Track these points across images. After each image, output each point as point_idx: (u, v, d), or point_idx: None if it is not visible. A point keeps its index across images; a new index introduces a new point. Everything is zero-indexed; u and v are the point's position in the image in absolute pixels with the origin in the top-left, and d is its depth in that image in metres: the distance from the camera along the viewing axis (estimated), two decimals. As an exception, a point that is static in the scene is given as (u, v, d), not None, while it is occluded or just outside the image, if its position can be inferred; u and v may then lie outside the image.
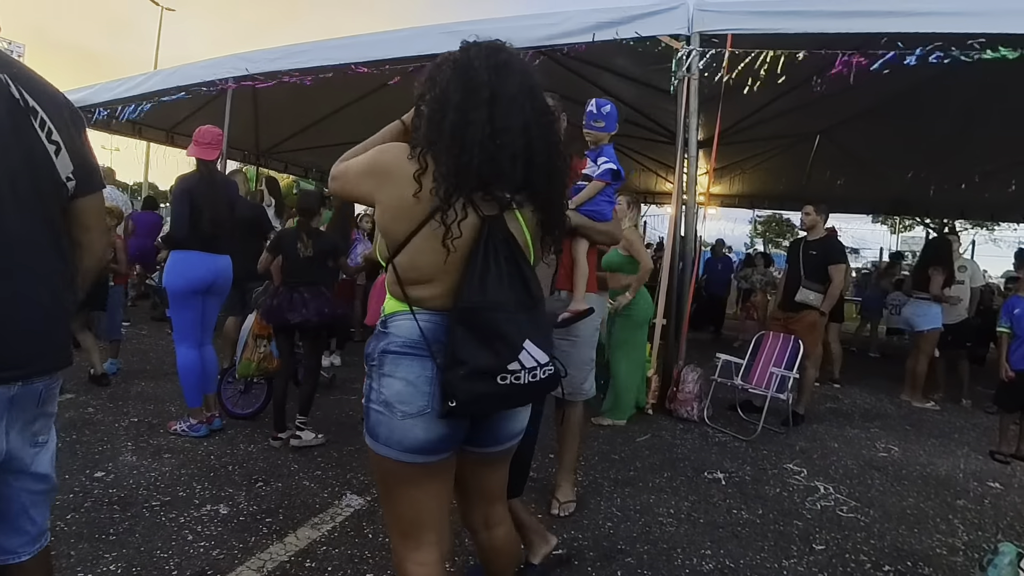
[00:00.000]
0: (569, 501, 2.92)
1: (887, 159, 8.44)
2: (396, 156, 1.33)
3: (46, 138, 1.27)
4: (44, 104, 1.27)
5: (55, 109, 1.30)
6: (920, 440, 4.68)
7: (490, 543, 1.64)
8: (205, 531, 2.54)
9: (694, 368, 4.78)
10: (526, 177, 1.30)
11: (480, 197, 1.29)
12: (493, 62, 1.28)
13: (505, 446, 1.50)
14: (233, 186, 3.95)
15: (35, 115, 1.25)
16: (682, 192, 4.93)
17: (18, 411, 1.26)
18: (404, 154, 1.33)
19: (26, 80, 1.27)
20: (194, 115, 7.86)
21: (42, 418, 1.34)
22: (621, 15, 4.73)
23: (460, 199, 1.26)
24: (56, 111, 1.30)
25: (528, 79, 1.31)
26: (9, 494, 1.32)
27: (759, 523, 2.98)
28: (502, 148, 1.24)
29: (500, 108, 1.25)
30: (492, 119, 1.24)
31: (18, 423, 1.27)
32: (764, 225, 32.74)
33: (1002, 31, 3.81)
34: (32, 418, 1.30)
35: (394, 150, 1.35)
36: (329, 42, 5.96)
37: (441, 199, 1.25)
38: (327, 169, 5.69)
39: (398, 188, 1.30)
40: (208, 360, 3.71)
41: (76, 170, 1.33)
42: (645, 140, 7.83)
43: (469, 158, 1.23)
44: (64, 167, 1.31)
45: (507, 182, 1.28)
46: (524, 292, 1.31)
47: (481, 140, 1.23)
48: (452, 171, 1.24)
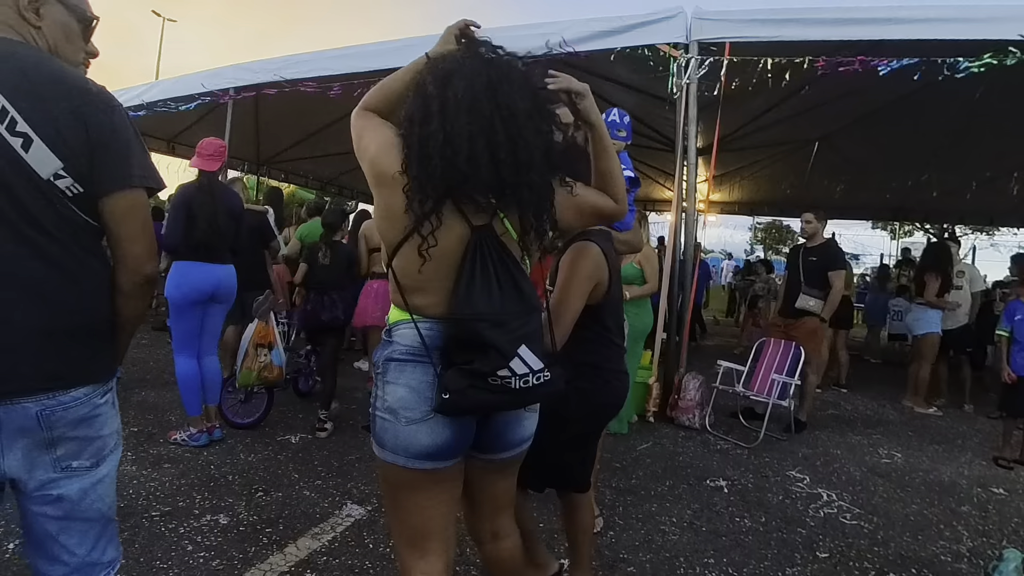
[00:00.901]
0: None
1: (886, 165, 8.47)
2: (393, 162, 1.34)
3: (7, 130, 1.10)
4: (12, 92, 1.11)
5: (33, 96, 1.13)
6: (923, 446, 4.66)
7: (497, 555, 1.63)
8: (205, 541, 2.53)
9: (695, 375, 4.77)
10: (495, 176, 1.29)
11: (465, 205, 1.31)
12: (439, 74, 1.32)
13: (512, 453, 1.50)
14: (236, 197, 3.96)
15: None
16: (682, 199, 4.94)
17: (9, 434, 1.14)
18: (399, 161, 1.34)
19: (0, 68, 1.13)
20: (195, 125, 7.90)
21: (71, 442, 1.21)
22: (620, 24, 4.76)
23: (435, 208, 1.29)
24: (32, 99, 1.13)
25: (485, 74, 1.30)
26: (26, 516, 1.23)
27: (762, 531, 2.97)
28: (458, 153, 1.26)
29: (448, 116, 1.27)
30: (443, 127, 1.27)
31: (15, 447, 1.16)
32: (764, 232, 32.80)
33: (1000, 37, 3.84)
34: (48, 441, 1.18)
35: (392, 156, 1.35)
36: (330, 52, 6.00)
37: (415, 210, 1.29)
38: (327, 178, 5.73)
39: (390, 193, 1.33)
40: (210, 370, 3.71)
41: (69, 167, 1.15)
42: (645, 148, 7.85)
43: (432, 168, 1.27)
44: (43, 163, 1.13)
45: (474, 185, 1.28)
46: (518, 299, 1.33)
47: (439, 149, 1.26)
48: (421, 181, 1.28)
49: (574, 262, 1.79)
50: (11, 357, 1.14)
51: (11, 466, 1.16)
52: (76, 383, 1.20)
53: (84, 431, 1.22)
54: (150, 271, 1.30)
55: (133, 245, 1.26)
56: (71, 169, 1.16)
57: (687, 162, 4.88)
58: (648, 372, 4.84)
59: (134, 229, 1.26)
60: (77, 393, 1.20)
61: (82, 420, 1.21)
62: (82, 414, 1.21)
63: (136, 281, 1.28)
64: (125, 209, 1.24)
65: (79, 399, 1.21)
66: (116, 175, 1.22)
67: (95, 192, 1.20)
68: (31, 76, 1.15)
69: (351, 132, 1.45)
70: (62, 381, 1.19)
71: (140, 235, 1.27)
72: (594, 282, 1.79)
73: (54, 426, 1.18)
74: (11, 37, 1.21)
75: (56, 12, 1.27)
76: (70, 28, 1.30)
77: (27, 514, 1.23)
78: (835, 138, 7.83)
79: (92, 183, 1.19)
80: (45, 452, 1.18)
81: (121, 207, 1.23)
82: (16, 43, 1.20)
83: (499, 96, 1.28)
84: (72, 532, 1.25)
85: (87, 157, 1.18)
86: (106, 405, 1.28)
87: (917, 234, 23.47)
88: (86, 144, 1.17)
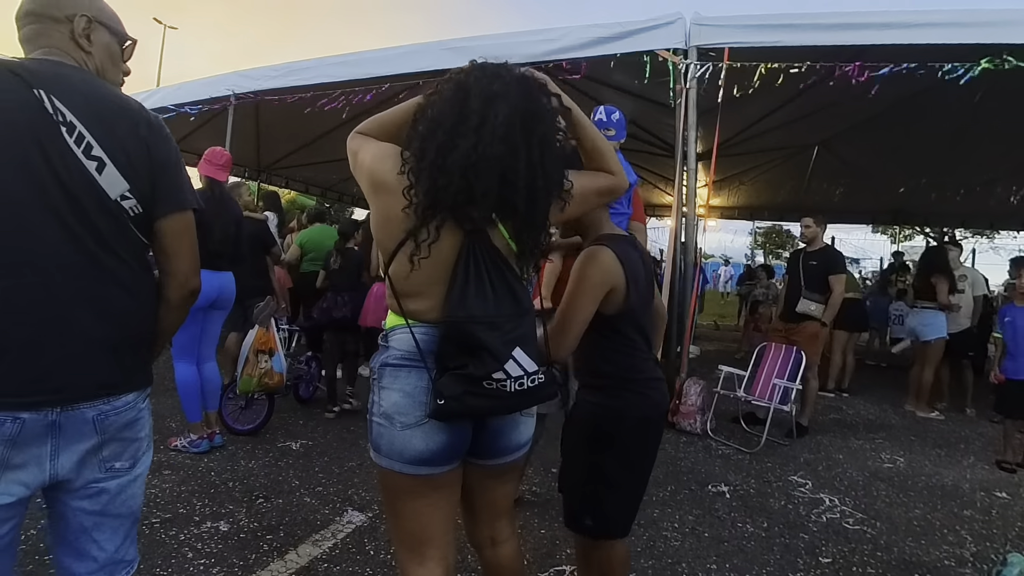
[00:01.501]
0: None
1: (886, 169, 8.48)
2: (392, 168, 1.34)
3: (83, 154, 1.20)
4: (86, 118, 1.20)
5: (104, 122, 1.23)
6: (925, 450, 4.65)
7: (496, 560, 1.63)
8: (205, 548, 2.52)
9: (696, 380, 4.76)
10: (502, 202, 1.30)
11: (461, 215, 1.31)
12: (488, 91, 1.29)
13: (509, 458, 1.50)
14: (237, 205, 4.01)
15: (71, 130, 1.19)
16: (682, 204, 4.94)
17: (68, 438, 1.21)
18: (399, 165, 1.34)
19: (71, 94, 1.21)
20: (196, 132, 7.91)
21: (115, 443, 1.28)
22: (619, 30, 4.78)
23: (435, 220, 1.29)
24: (104, 124, 1.23)
25: (523, 106, 1.30)
26: (64, 513, 1.27)
27: (764, 536, 2.96)
28: (479, 177, 1.26)
29: (484, 139, 1.26)
30: (476, 147, 1.26)
31: (71, 449, 1.22)
32: (764, 236, 32.83)
33: (998, 41, 3.85)
34: (97, 444, 1.25)
35: (391, 161, 1.36)
36: (331, 59, 6.01)
37: (417, 217, 1.29)
38: (327, 184, 5.74)
39: (388, 199, 1.34)
40: (210, 377, 3.72)
41: (135, 188, 1.26)
42: (644, 153, 7.87)
43: (447, 182, 1.26)
44: (113, 185, 1.23)
45: (479, 208, 1.30)
46: (512, 302, 1.34)
47: (462, 166, 1.26)
48: (430, 191, 1.28)
49: (583, 268, 1.70)
50: (78, 366, 1.22)
51: (63, 467, 1.22)
52: (128, 389, 1.30)
53: (128, 433, 1.31)
54: (195, 285, 1.41)
55: (183, 262, 1.38)
56: (135, 191, 1.26)
57: (687, 167, 4.88)
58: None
59: (185, 247, 1.38)
60: (128, 398, 1.30)
61: (128, 424, 1.30)
62: (129, 418, 1.30)
63: (183, 295, 1.39)
64: (179, 229, 1.36)
65: (129, 403, 1.30)
66: (173, 198, 1.34)
67: (153, 213, 1.31)
68: (98, 102, 1.25)
69: (347, 154, 1.46)
70: (117, 388, 1.28)
71: (189, 253, 1.39)
72: (606, 288, 1.67)
73: (106, 430, 1.26)
74: (66, 62, 1.29)
75: (103, 36, 1.37)
76: (113, 51, 1.40)
77: (65, 509, 1.27)
78: (834, 142, 7.84)
79: (152, 204, 1.30)
80: (94, 454, 1.26)
81: (176, 227, 1.35)
82: (74, 68, 1.29)
83: (533, 136, 1.30)
84: (104, 528, 1.31)
85: (149, 181, 1.29)
86: (146, 409, 1.37)
87: (917, 238, 23.47)
88: (149, 169, 1.29)
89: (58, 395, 1.19)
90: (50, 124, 1.18)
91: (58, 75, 1.23)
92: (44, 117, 1.18)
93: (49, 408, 1.18)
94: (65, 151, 1.19)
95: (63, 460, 1.21)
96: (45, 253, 1.18)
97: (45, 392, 1.18)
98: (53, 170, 1.18)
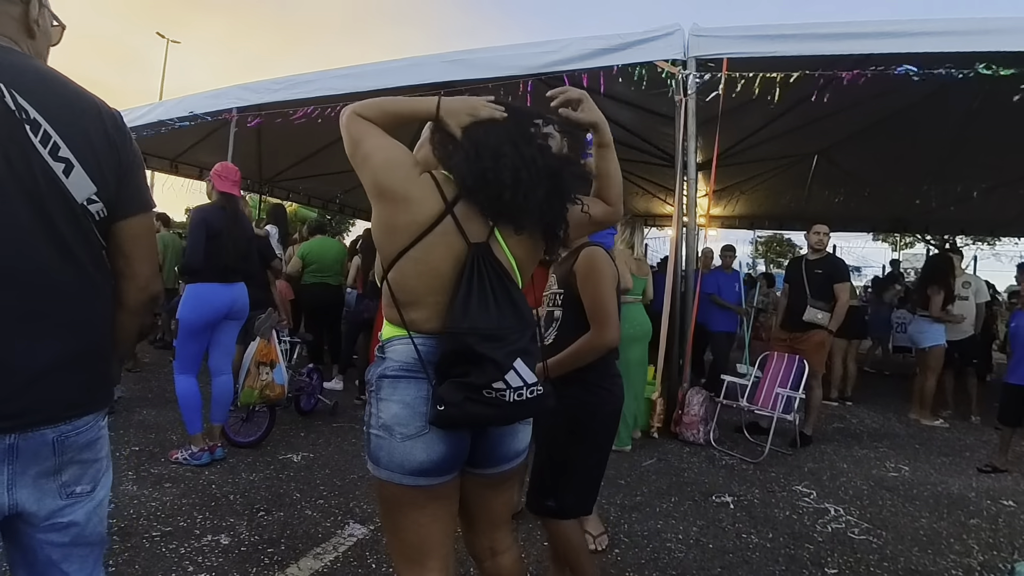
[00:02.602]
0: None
1: (886, 177, 8.49)
2: (404, 177, 1.34)
3: (50, 155, 1.09)
4: (52, 116, 1.10)
5: (70, 120, 1.13)
6: (930, 459, 4.62)
7: (496, 572, 1.61)
8: (206, 562, 2.51)
9: (699, 390, 4.75)
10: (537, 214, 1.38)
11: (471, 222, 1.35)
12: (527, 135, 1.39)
13: (507, 467, 1.49)
14: (249, 221, 4.08)
15: (36, 128, 1.08)
16: (682, 214, 4.96)
17: (25, 462, 1.11)
18: (413, 174, 1.34)
19: (32, 87, 1.10)
20: (198, 144, 7.96)
21: (74, 466, 1.18)
22: (619, 42, 4.81)
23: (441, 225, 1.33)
24: (70, 122, 1.13)
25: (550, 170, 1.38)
26: (31, 545, 1.18)
27: (769, 547, 2.93)
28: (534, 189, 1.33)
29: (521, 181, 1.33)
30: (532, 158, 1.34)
31: (29, 474, 1.12)
32: (765, 245, 32.80)
33: (994, 49, 3.88)
34: (55, 467, 1.15)
35: (403, 171, 1.35)
36: (333, 71, 6.05)
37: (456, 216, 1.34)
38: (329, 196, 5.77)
39: (394, 207, 1.34)
40: (222, 389, 3.74)
41: (102, 191, 1.16)
42: (644, 163, 7.90)
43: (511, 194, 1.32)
44: (80, 189, 1.13)
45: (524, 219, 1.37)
46: (514, 314, 1.34)
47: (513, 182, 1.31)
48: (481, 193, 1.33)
49: (595, 264, 1.93)
50: (42, 385, 1.12)
51: (22, 497, 1.13)
52: (92, 409, 1.21)
53: (88, 454, 1.22)
54: (156, 289, 1.34)
55: (144, 265, 1.29)
56: (102, 194, 1.18)
57: (687, 177, 4.90)
58: (653, 387, 4.81)
59: (146, 249, 1.30)
60: (88, 417, 1.20)
61: (88, 444, 1.21)
62: (90, 438, 1.21)
63: (142, 299, 1.30)
64: (141, 231, 1.27)
65: (89, 423, 1.21)
66: (137, 199, 1.25)
67: (115, 215, 1.22)
68: (61, 97, 1.15)
69: (342, 135, 1.40)
70: (81, 408, 1.18)
71: (151, 255, 1.32)
72: (615, 279, 1.95)
73: (65, 451, 1.17)
74: (15, 49, 1.17)
75: (48, 21, 1.27)
76: (52, 38, 1.31)
77: (31, 542, 1.19)
78: (834, 151, 7.86)
79: (116, 206, 1.21)
80: (51, 479, 1.16)
81: (138, 229, 1.26)
82: (27, 57, 1.18)
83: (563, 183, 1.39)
84: (74, 558, 1.23)
85: (116, 182, 1.20)
86: (104, 427, 1.28)
87: (918, 246, 23.45)
88: (117, 171, 1.20)
89: (19, 419, 1.09)
90: (13, 122, 1.07)
91: (14, 65, 1.11)
92: (6, 114, 1.06)
93: (7, 433, 1.08)
94: (30, 151, 1.08)
95: (20, 489, 1.12)
96: (3, 266, 1.08)
97: (7, 417, 1.08)
98: (15, 173, 1.07)
